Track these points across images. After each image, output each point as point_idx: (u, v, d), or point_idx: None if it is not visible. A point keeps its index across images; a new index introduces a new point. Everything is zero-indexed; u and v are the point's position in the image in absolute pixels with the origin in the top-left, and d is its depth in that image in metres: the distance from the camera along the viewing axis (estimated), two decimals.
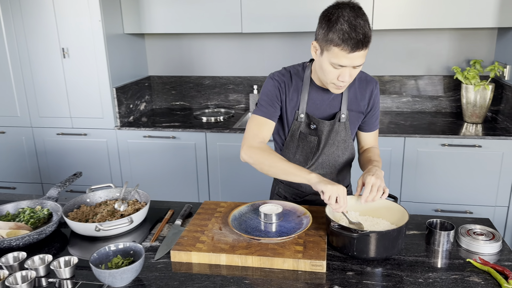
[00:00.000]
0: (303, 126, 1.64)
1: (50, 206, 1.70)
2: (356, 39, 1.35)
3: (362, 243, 1.33)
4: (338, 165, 1.71)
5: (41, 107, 3.09)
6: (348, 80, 1.46)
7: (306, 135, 1.65)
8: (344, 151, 1.69)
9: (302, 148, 1.68)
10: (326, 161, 1.69)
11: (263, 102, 1.62)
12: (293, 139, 1.68)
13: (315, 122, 1.62)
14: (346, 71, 1.43)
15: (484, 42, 3.06)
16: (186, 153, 3.00)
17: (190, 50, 3.44)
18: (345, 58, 1.39)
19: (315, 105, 1.63)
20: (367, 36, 1.37)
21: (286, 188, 1.80)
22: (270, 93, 1.62)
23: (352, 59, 1.39)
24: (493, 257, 1.38)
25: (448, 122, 2.95)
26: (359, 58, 1.40)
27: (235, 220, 1.52)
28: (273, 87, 1.62)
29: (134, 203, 1.71)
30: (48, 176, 3.24)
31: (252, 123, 1.62)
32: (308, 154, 1.68)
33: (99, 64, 2.92)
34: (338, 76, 1.45)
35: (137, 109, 3.32)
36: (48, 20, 2.88)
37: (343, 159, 1.71)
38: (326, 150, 1.67)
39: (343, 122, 1.64)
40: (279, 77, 1.62)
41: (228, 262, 1.35)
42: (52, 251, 1.50)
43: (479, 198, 2.73)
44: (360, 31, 1.35)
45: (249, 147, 1.55)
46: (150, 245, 1.49)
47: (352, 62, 1.40)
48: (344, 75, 1.44)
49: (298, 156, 1.70)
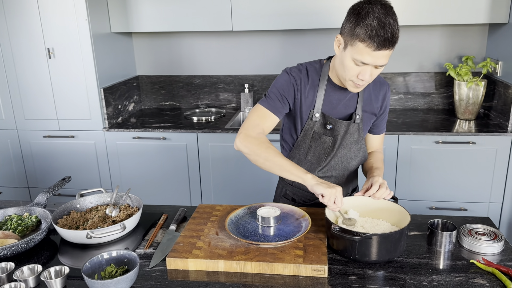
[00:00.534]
0: (317, 126, 1.58)
1: (38, 213, 1.64)
2: (383, 37, 1.30)
3: (364, 246, 1.29)
4: (350, 168, 1.67)
5: (27, 109, 3.01)
6: (368, 80, 1.41)
7: (320, 135, 1.59)
8: (356, 153, 1.65)
9: (315, 149, 1.61)
10: (339, 163, 1.64)
11: (272, 94, 1.54)
12: (305, 139, 1.61)
13: (332, 122, 1.56)
14: (368, 69, 1.39)
15: (475, 38, 3.05)
16: (177, 154, 2.94)
17: (179, 48, 3.38)
18: (369, 55, 1.34)
19: (331, 104, 1.57)
20: (395, 36, 1.32)
21: (294, 190, 1.74)
22: (282, 88, 1.54)
23: (376, 58, 1.35)
24: (496, 257, 1.36)
25: (441, 119, 2.94)
26: (383, 58, 1.35)
27: (232, 224, 1.47)
28: (287, 83, 1.54)
29: (126, 208, 1.65)
30: (35, 180, 3.16)
31: (255, 113, 1.54)
32: (321, 155, 1.62)
33: (85, 64, 2.85)
34: (359, 74, 1.40)
35: (125, 109, 3.25)
36: (33, 19, 2.80)
37: (355, 161, 1.67)
38: (340, 152, 1.62)
39: (357, 123, 1.59)
40: (296, 73, 1.55)
41: (227, 268, 1.30)
42: (42, 260, 1.44)
43: (474, 195, 2.72)
44: (389, 29, 1.31)
45: (247, 135, 1.47)
46: (144, 252, 1.44)
47: (375, 61, 1.35)
48: (365, 73, 1.39)
49: (310, 157, 1.63)
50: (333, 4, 2.71)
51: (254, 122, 1.51)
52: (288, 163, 1.43)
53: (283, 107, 1.55)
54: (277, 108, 1.53)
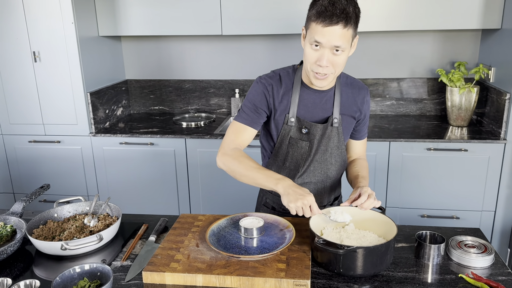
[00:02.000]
0: (293, 131, 1.55)
1: (14, 222, 1.57)
2: (331, 12, 1.30)
3: (348, 259, 1.24)
4: (330, 174, 1.62)
5: (12, 113, 2.94)
6: (326, 64, 1.37)
7: (296, 141, 1.55)
8: (337, 158, 1.61)
9: (292, 155, 1.57)
10: (318, 168, 1.59)
11: (245, 108, 1.55)
12: (282, 146, 1.57)
13: (307, 126, 1.53)
14: (325, 53, 1.36)
15: (468, 44, 3.02)
16: (165, 160, 2.88)
17: (169, 52, 3.33)
18: (321, 33, 1.33)
19: (306, 108, 1.53)
20: (344, 12, 1.30)
21: (274, 198, 1.70)
22: (254, 98, 1.53)
23: (328, 36, 1.32)
24: (486, 271, 1.31)
25: (433, 125, 2.90)
26: (335, 37, 1.32)
27: (213, 236, 1.42)
28: (258, 92, 1.53)
29: (105, 218, 1.59)
30: (20, 186, 3.09)
31: (230, 129, 1.56)
32: (299, 161, 1.58)
33: (72, 68, 2.79)
34: (317, 60, 1.38)
35: (113, 114, 3.19)
36: (18, 22, 2.74)
37: (335, 167, 1.62)
38: (318, 157, 1.58)
39: (335, 127, 1.55)
40: (266, 80, 1.54)
41: (205, 283, 1.24)
42: (15, 272, 1.38)
43: (466, 203, 2.68)
44: (339, 6, 1.31)
45: (223, 154, 1.49)
46: (121, 264, 1.38)
47: (328, 40, 1.33)
48: (322, 58, 1.36)
49: (288, 163, 1.59)
50: None
51: (229, 138, 1.53)
52: (260, 175, 1.41)
53: (259, 117, 1.54)
54: (252, 120, 1.54)
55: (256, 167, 1.43)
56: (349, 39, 1.36)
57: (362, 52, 3.12)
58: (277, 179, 1.38)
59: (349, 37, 1.35)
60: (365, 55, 3.13)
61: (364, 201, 1.42)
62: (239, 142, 1.52)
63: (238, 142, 1.52)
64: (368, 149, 2.62)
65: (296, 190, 1.33)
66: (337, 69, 1.41)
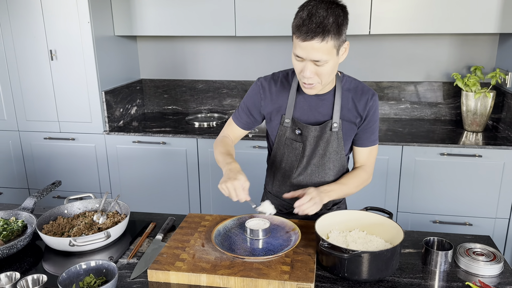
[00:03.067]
0: (289, 131, 1.56)
1: (25, 217, 1.60)
2: (308, 27, 1.28)
3: (353, 264, 1.24)
4: (328, 178, 1.60)
5: (28, 110, 3.00)
6: (310, 76, 1.36)
7: (291, 142, 1.57)
8: (335, 163, 1.59)
9: (288, 156, 1.59)
10: (316, 172, 1.59)
11: (240, 108, 1.65)
12: (279, 146, 1.60)
13: (300, 127, 1.54)
14: (308, 66, 1.35)
15: (485, 48, 2.97)
16: (176, 159, 2.90)
17: (183, 53, 3.35)
18: (299, 47, 1.32)
19: (302, 110, 1.54)
20: (322, 25, 1.27)
21: (272, 199, 1.71)
22: (248, 100, 1.61)
23: (306, 51, 1.31)
24: (494, 279, 1.29)
25: (448, 130, 2.86)
26: (314, 51, 1.30)
27: (219, 236, 1.42)
28: (254, 93, 1.60)
29: (114, 215, 1.61)
30: (35, 182, 3.14)
31: (227, 123, 1.70)
32: (293, 162, 1.58)
33: (87, 66, 2.83)
34: (301, 71, 1.38)
35: (127, 113, 3.23)
36: (36, 21, 2.79)
37: (333, 172, 1.60)
38: (316, 161, 1.57)
39: (335, 132, 1.54)
40: (262, 82, 1.59)
41: (209, 283, 1.25)
42: (25, 266, 1.40)
43: (479, 209, 2.63)
44: (315, 20, 1.28)
45: (215, 141, 1.64)
46: (128, 262, 1.39)
47: (307, 54, 1.32)
48: (306, 69, 1.35)
49: (284, 164, 1.61)
50: None
51: (224, 130, 1.69)
52: (221, 159, 1.51)
53: (249, 118, 1.63)
54: (243, 120, 1.64)
55: (223, 152, 1.53)
56: (330, 51, 1.31)
57: (377, 55, 3.10)
58: (227, 163, 1.46)
59: (330, 49, 1.31)
60: (380, 58, 3.10)
61: (300, 204, 1.39)
62: (229, 132, 1.67)
63: (227, 132, 1.67)
64: (380, 152, 2.61)
65: (229, 173, 1.40)
66: (323, 78, 1.38)
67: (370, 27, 2.72)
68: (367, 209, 1.50)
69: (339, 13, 1.31)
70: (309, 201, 1.40)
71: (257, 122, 1.65)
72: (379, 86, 3.14)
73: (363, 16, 2.70)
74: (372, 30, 2.72)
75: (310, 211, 1.40)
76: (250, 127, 1.66)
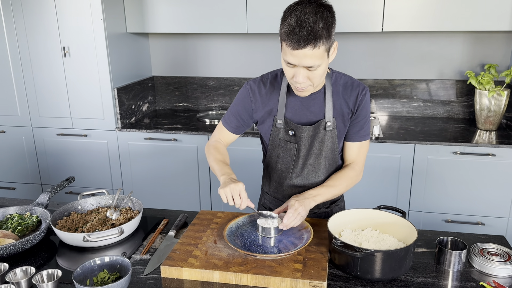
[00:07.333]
0: (282, 132, 1.55)
1: (39, 213, 1.62)
2: (299, 36, 1.25)
3: (366, 262, 1.23)
4: (325, 178, 1.58)
5: (42, 106, 3.03)
6: (302, 81, 1.35)
7: (285, 143, 1.55)
8: (330, 162, 1.57)
9: (283, 157, 1.58)
10: (312, 172, 1.57)
11: (229, 112, 1.62)
12: (274, 147, 1.58)
13: (293, 128, 1.52)
14: (300, 71, 1.33)
15: (499, 46, 2.93)
16: (187, 156, 2.91)
17: (194, 50, 3.36)
18: (291, 55, 1.30)
19: (294, 110, 1.52)
20: (312, 32, 1.24)
21: (270, 199, 1.71)
22: (238, 104, 1.59)
23: (298, 58, 1.29)
24: (509, 280, 1.27)
25: (460, 128, 2.83)
26: (307, 58, 1.28)
27: (231, 233, 1.43)
28: (243, 97, 1.58)
29: (127, 212, 1.62)
30: (48, 177, 3.18)
31: (217, 126, 1.69)
32: (289, 163, 1.57)
33: (100, 63, 2.85)
34: (293, 76, 1.36)
35: (139, 110, 3.24)
36: (50, 18, 2.82)
37: (329, 171, 1.58)
38: (312, 161, 1.55)
39: (329, 131, 1.51)
40: (251, 85, 1.56)
41: (222, 279, 1.25)
42: (39, 261, 1.42)
43: (492, 209, 2.61)
44: (306, 27, 1.25)
45: (207, 144, 1.64)
46: (141, 258, 1.40)
47: (299, 61, 1.30)
48: (298, 75, 1.34)
49: (280, 165, 1.60)
50: (345, 7, 2.65)
51: (215, 134, 1.67)
52: (217, 167, 1.50)
53: (238, 122, 1.61)
54: (231, 124, 1.62)
55: (219, 160, 1.53)
56: (322, 55, 1.30)
57: (389, 52, 3.07)
58: (223, 174, 1.45)
59: (322, 53, 1.29)
60: (393, 55, 3.08)
61: (287, 221, 1.38)
62: (220, 137, 1.66)
63: (218, 137, 1.66)
64: (392, 151, 2.61)
65: (228, 181, 1.39)
66: (315, 81, 1.37)
67: (383, 24, 2.69)
68: (380, 208, 1.49)
69: (327, 15, 1.28)
70: (293, 213, 1.38)
71: (247, 126, 1.63)
72: (391, 83, 3.12)
73: (376, 13, 2.68)
74: (385, 27, 2.70)
75: (295, 223, 1.38)
76: (241, 131, 1.64)
